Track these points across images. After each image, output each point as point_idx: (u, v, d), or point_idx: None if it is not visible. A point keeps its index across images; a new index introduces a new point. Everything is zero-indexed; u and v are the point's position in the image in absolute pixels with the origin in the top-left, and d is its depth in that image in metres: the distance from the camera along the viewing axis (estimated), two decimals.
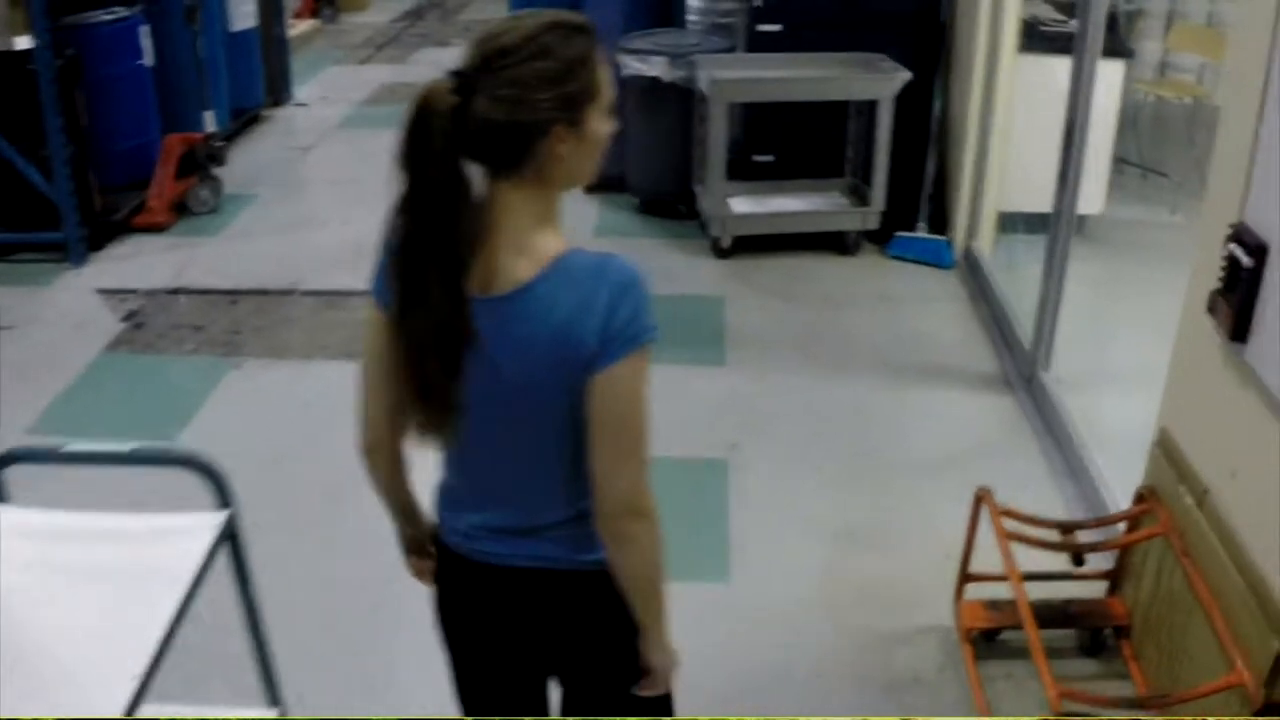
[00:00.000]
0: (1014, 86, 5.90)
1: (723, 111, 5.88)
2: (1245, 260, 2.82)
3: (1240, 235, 2.85)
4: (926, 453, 4.68)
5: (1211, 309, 3.00)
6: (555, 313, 1.81)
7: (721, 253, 6.21)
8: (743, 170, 6.45)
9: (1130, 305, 5.71)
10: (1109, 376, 5.25)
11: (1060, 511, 4.23)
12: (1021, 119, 5.96)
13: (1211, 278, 2.97)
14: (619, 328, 1.81)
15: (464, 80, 1.76)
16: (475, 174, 1.81)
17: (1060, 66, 5.66)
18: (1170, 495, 3.27)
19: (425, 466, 2.15)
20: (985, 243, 6.21)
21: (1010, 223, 6.34)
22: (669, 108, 6.35)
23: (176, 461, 2.67)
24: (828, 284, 6.04)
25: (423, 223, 1.79)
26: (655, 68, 6.20)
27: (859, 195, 6.35)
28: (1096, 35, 4.56)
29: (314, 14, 12.12)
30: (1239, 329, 2.88)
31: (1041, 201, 5.89)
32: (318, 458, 4.45)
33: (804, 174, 6.51)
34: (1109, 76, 5.75)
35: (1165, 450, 3.35)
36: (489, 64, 1.76)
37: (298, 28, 11.17)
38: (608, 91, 1.87)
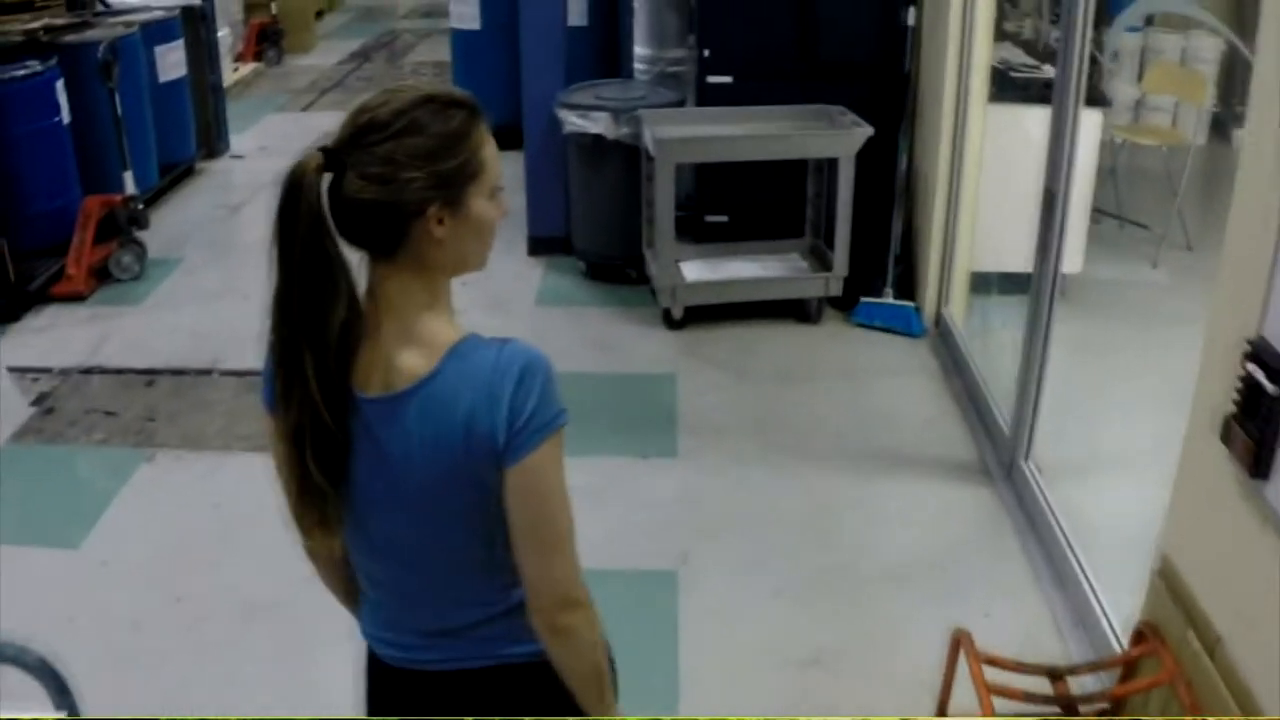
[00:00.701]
0: (985, 138, 5.47)
1: (670, 172, 5.42)
2: (1269, 386, 2.37)
3: (1260, 354, 2.41)
4: (898, 557, 4.23)
5: (1226, 437, 2.56)
6: (457, 408, 1.72)
7: (673, 323, 5.74)
8: (695, 231, 6.01)
9: (1116, 376, 5.28)
10: (1096, 463, 4.81)
11: (1047, 625, 3.85)
12: (994, 173, 5.56)
13: (1221, 396, 2.56)
14: (527, 418, 1.72)
15: (333, 156, 1.68)
16: (355, 258, 1.72)
17: (1034, 116, 5.34)
18: (1176, 637, 2.84)
19: None
20: (957, 308, 5.77)
21: (984, 283, 5.92)
22: (614, 166, 5.89)
23: (8, 659, 2.34)
24: (788, 357, 5.59)
25: (296, 311, 1.70)
26: (598, 124, 5.74)
27: (820, 258, 5.89)
28: (1078, 84, 4.11)
29: (257, 57, 11.65)
30: (1260, 465, 2.43)
31: (1017, 261, 5.54)
32: (228, 570, 4.09)
33: (761, 235, 6.06)
34: (1086, 126, 5.34)
35: (1169, 583, 2.93)
36: (359, 139, 1.68)
37: (239, 73, 10.74)
38: (494, 170, 1.77)
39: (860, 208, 5.62)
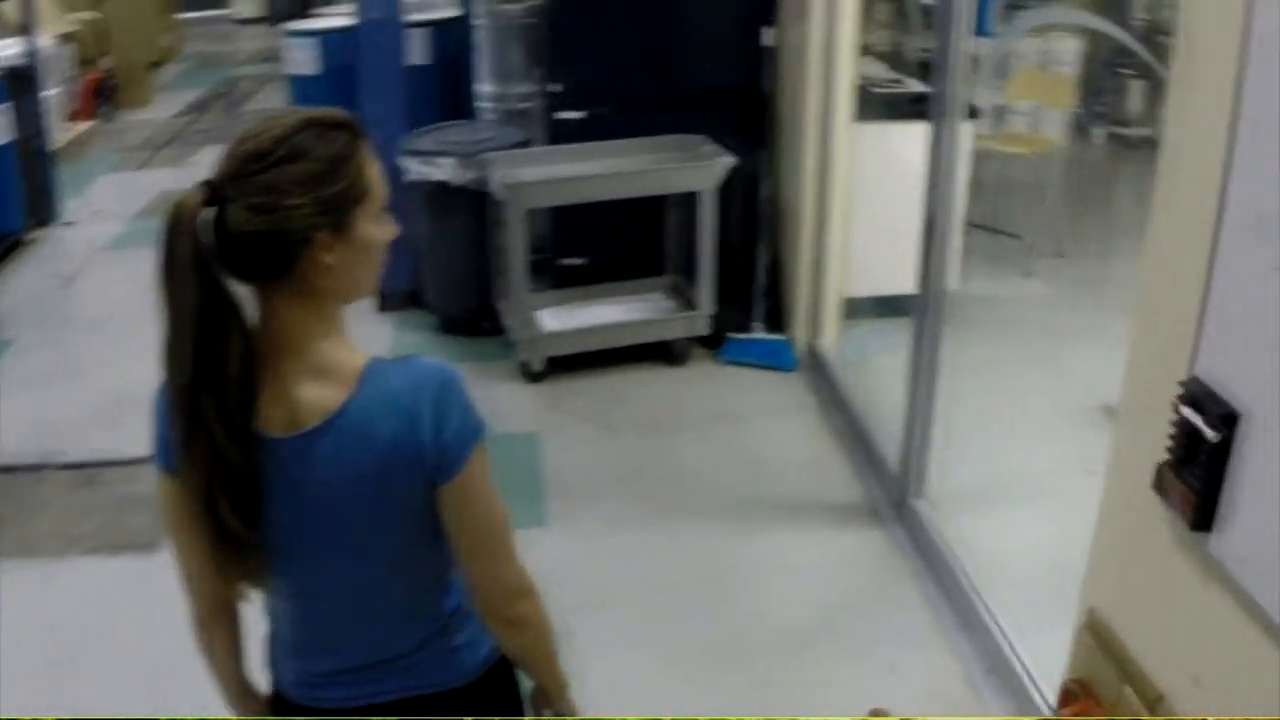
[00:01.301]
0: (852, 159, 5.22)
1: (522, 218, 5.06)
2: (1208, 433, 2.09)
3: (1196, 398, 2.15)
4: (793, 616, 3.94)
5: (1160, 487, 2.30)
6: (376, 437, 1.68)
7: (534, 376, 5.36)
8: (552, 276, 5.65)
9: (1002, 397, 5.06)
10: (990, 493, 4.58)
11: (957, 675, 3.62)
12: (863, 194, 5.31)
13: (1150, 442, 2.30)
14: (453, 434, 1.71)
15: (215, 189, 1.62)
16: (244, 293, 1.66)
17: (901, 133, 5.11)
18: (1111, 695, 2.59)
19: None
20: (831, 338, 5.51)
21: (857, 309, 5.67)
22: (463, 214, 5.50)
23: None
24: (657, 404, 5.25)
25: (189, 355, 1.62)
26: (443, 170, 5.35)
27: (684, 296, 5.58)
28: (956, 98, 3.86)
29: (93, 114, 11.03)
30: (1202, 517, 2.17)
31: (891, 283, 5.36)
32: (65, 698, 3.58)
33: (622, 276, 5.73)
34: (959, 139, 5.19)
35: (1098, 637, 2.67)
36: (241, 170, 1.62)
37: (73, 131, 10.12)
38: (379, 191, 1.73)
39: (724, 240, 5.33)
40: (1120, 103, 8.81)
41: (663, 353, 5.48)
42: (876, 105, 5.55)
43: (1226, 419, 2.07)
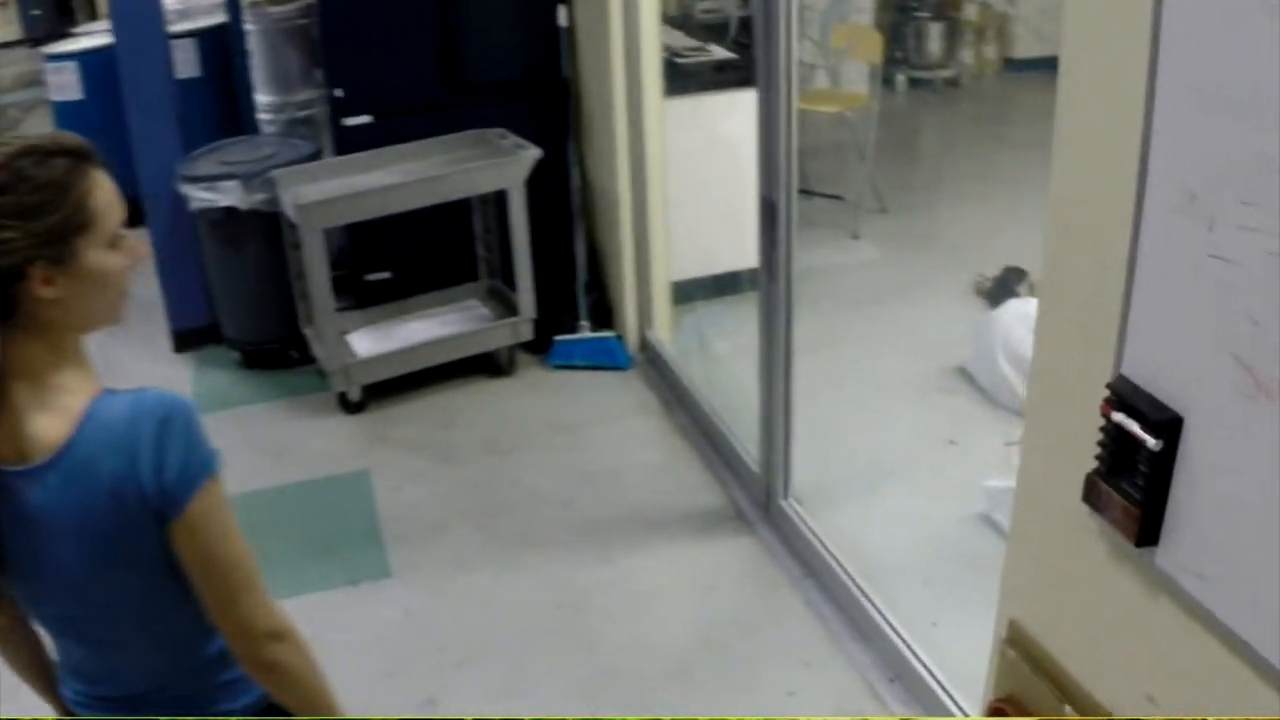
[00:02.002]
0: (666, 137, 4.96)
1: (319, 240, 4.64)
2: (1149, 441, 1.90)
3: (1127, 401, 1.95)
4: (671, 644, 3.70)
5: (1093, 500, 2.10)
6: (100, 475, 1.64)
7: (353, 407, 4.97)
8: (357, 293, 5.26)
9: (853, 372, 4.90)
10: (857, 480, 4.44)
11: (859, 687, 3.45)
12: (682, 172, 5.08)
13: (1072, 449, 2.11)
14: (177, 470, 1.66)
15: None
16: None
17: (715, 104, 4.94)
18: (1048, 712, 2.40)
19: None
20: (663, 329, 5.26)
21: (688, 293, 5.46)
22: (254, 239, 5.07)
23: None
24: (490, 422, 4.91)
25: None
26: (228, 195, 4.91)
27: (503, 301, 5.27)
28: (789, 61, 3.59)
29: None
30: (1147, 532, 1.98)
31: (722, 261, 5.16)
32: None
33: (432, 285, 5.36)
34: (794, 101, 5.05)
35: (1025, 653, 2.48)
36: None
37: None
38: (110, 217, 1.67)
39: (538, 237, 5.02)
40: (919, 47, 8.78)
41: (488, 365, 5.16)
42: (686, 78, 5.31)
43: (1169, 425, 1.88)
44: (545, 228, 5.10)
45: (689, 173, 5.14)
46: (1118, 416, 1.96)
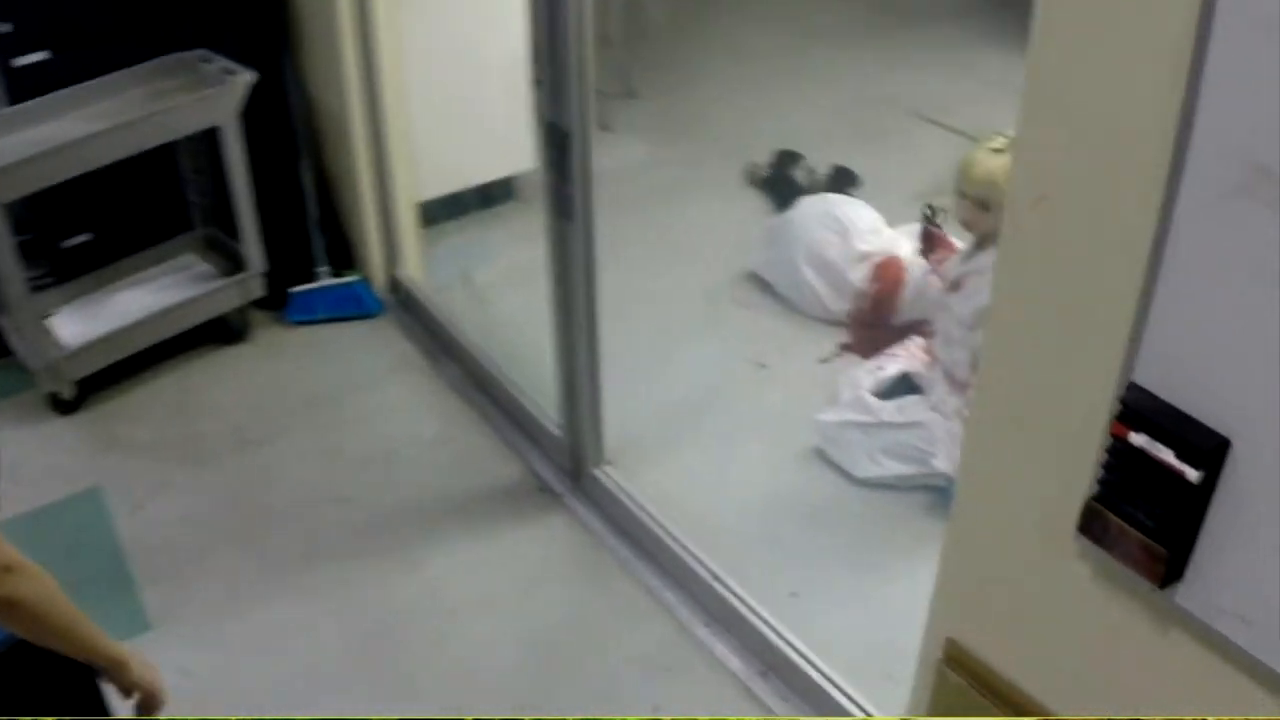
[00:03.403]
0: (399, 39, 4.36)
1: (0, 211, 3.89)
2: (1188, 472, 1.57)
3: (1148, 418, 1.62)
4: (501, 673, 3.27)
5: (1096, 533, 1.77)
6: None
7: (68, 407, 4.22)
8: (53, 264, 4.47)
9: (634, 298, 4.47)
10: (672, 426, 4.06)
11: (730, 686, 3.14)
12: (420, 77, 4.57)
13: (1053, 467, 1.83)
14: None
15: None
16: None
17: None
18: None
19: None
20: (414, 263, 4.74)
21: (435, 213, 5.04)
22: None
23: None
24: (234, 406, 4.26)
25: None
26: None
27: (225, 253, 4.61)
28: None
29: None
30: (1173, 569, 1.66)
31: (478, 170, 5.07)
32: None
33: (142, 243, 4.62)
34: None
35: (974, 679, 2.18)
36: None
37: None
38: None
39: (259, 174, 4.37)
40: None
41: (219, 331, 4.51)
42: None
43: (1213, 452, 1.53)
44: (266, 161, 4.43)
45: (431, 72, 4.60)
46: (1138, 439, 1.62)
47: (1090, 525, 1.75)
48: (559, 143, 3.18)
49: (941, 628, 2.25)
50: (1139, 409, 1.61)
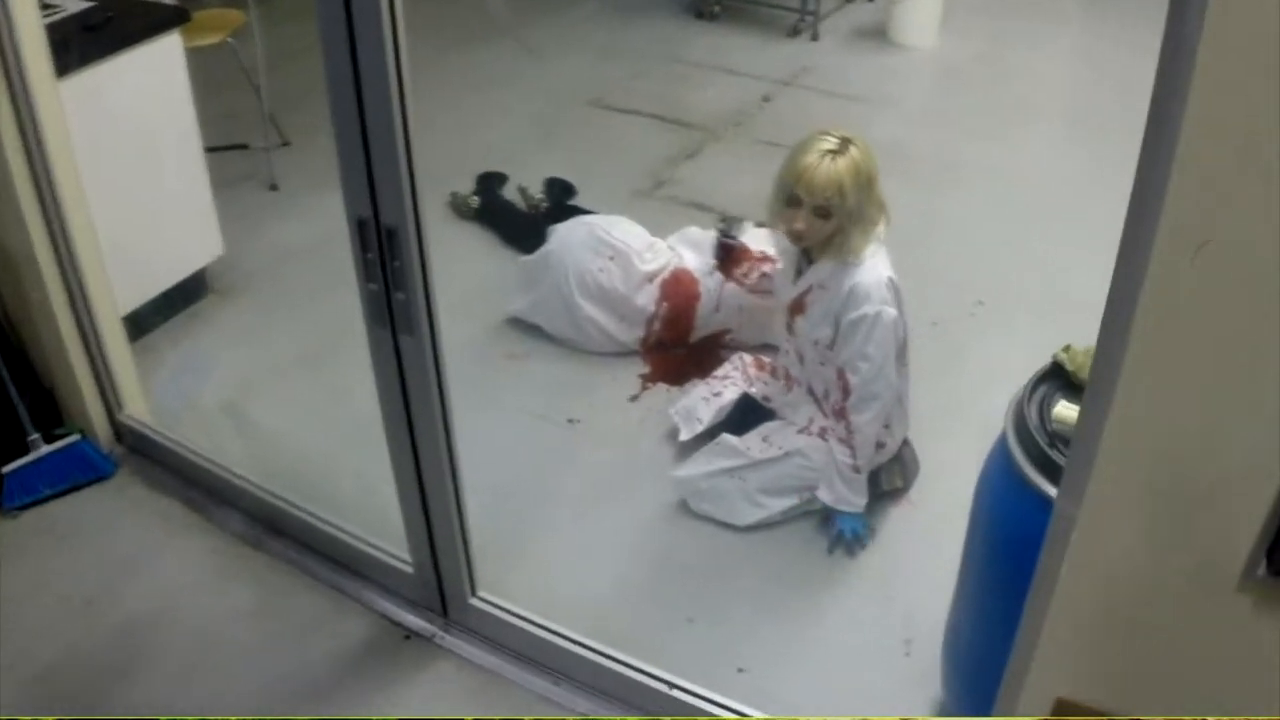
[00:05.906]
0: (70, 151, 3.89)
1: None
2: None
3: None
4: None
5: None
6: None
7: None
8: None
9: None
10: (511, 517, 3.86)
11: None
12: (95, 179, 4.06)
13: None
14: None
15: None
16: None
17: (118, 72, 4.34)
18: None
19: None
20: (135, 400, 4.29)
21: (142, 321, 4.74)
22: None
23: None
24: None
25: None
26: None
27: None
28: None
29: None
30: None
31: (173, 268, 4.84)
32: None
33: None
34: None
35: None
36: None
37: None
38: None
39: None
40: None
41: None
42: (65, 48, 4.14)
43: None
44: None
45: (103, 171, 4.15)
46: None
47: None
48: (382, 242, 2.83)
49: (1049, 689, 2.17)
50: None
